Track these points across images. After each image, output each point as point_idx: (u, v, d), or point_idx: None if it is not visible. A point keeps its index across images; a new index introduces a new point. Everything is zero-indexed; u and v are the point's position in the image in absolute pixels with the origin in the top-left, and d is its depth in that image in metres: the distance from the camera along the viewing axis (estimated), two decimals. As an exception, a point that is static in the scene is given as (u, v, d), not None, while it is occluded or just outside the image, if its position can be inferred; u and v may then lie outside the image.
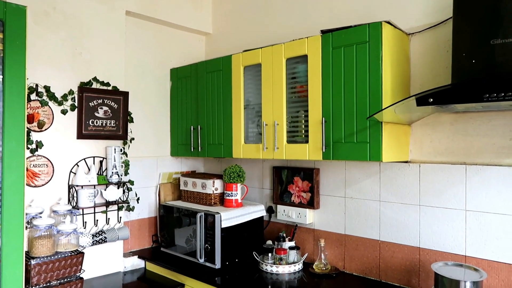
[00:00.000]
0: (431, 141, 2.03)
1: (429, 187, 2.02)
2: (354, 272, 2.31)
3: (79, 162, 2.44)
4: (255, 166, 2.87)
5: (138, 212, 2.80)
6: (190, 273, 2.35)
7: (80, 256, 2.12)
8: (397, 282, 2.13)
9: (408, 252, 2.09)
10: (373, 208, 2.23)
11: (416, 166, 2.07)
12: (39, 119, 2.25)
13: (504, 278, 1.79)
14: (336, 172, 2.40)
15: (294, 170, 2.58)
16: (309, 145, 2.10)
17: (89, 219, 2.47)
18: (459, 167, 1.92)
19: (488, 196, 1.84)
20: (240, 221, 2.49)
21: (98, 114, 2.50)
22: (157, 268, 2.62)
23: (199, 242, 2.45)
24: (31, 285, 1.96)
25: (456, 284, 1.62)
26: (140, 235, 2.82)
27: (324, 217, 2.45)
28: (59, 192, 2.36)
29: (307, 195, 2.50)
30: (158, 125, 2.94)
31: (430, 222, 2.02)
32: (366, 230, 2.26)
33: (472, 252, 1.88)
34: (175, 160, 3.05)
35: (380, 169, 2.21)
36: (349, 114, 1.95)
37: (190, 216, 2.54)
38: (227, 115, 2.55)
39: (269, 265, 2.33)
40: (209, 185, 2.63)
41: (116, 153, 2.49)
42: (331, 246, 2.41)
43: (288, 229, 2.62)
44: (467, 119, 1.91)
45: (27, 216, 2.08)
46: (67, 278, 2.09)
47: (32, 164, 2.24)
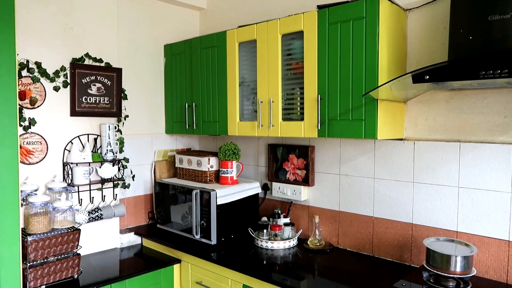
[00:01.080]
0: (426, 119, 2.03)
1: (423, 164, 2.04)
2: (347, 247, 2.35)
3: (73, 140, 2.42)
4: (250, 144, 2.87)
5: (133, 190, 2.81)
6: (186, 249, 2.38)
7: (76, 233, 2.14)
8: (389, 257, 2.18)
9: (401, 228, 2.13)
10: (367, 185, 2.25)
11: (411, 144, 2.08)
12: (31, 96, 2.22)
13: (494, 253, 1.83)
14: (331, 150, 2.41)
15: (289, 147, 2.59)
16: (304, 123, 2.10)
17: (84, 196, 2.48)
18: (453, 145, 1.93)
19: (481, 173, 1.86)
20: (235, 198, 2.50)
21: (91, 91, 2.47)
22: (153, 244, 2.65)
23: (194, 218, 2.47)
24: (28, 261, 1.98)
25: (447, 259, 1.65)
26: (136, 212, 2.84)
27: (318, 194, 2.48)
28: (53, 170, 2.35)
29: (302, 173, 2.52)
30: (152, 103, 2.92)
31: (423, 198, 2.04)
32: (360, 207, 2.28)
33: (464, 228, 1.91)
34: (170, 138, 3.04)
35: (375, 147, 2.21)
36: (345, 92, 1.94)
37: (185, 193, 2.56)
38: (222, 92, 2.53)
39: (264, 241, 2.36)
40: (204, 162, 2.63)
41: (111, 131, 2.48)
42: (326, 222, 2.44)
43: (283, 206, 2.65)
44: (463, 97, 1.91)
45: (22, 194, 2.08)
46: (64, 254, 2.11)
47: (25, 142, 2.22)
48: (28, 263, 1.98)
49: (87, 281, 2.10)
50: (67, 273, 2.11)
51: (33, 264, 2.00)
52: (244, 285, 2.07)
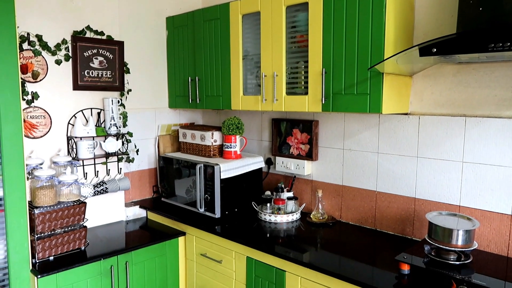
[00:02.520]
0: (432, 93, 2.00)
1: (428, 139, 2.03)
2: (350, 221, 2.38)
3: (76, 114, 2.42)
4: (254, 118, 2.86)
5: (138, 164, 2.83)
6: (190, 222, 2.41)
7: (82, 206, 2.17)
8: (391, 231, 2.20)
9: (404, 202, 2.14)
10: (371, 159, 2.25)
11: (416, 118, 2.06)
12: (33, 70, 2.20)
13: (495, 227, 1.84)
14: (335, 124, 2.40)
15: (293, 122, 2.58)
16: (308, 97, 2.08)
17: (89, 170, 2.50)
18: (459, 119, 1.91)
19: (486, 148, 1.85)
20: (239, 172, 2.52)
21: (94, 65, 2.45)
22: (158, 217, 2.69)
23: (199, 192, 2.49)
24: (36, 233, 2.01)
25: (449, 233, 1.67)
26: (140, 186, 2.87)
27: (322, 168, 2.48)
28: (58, 144, 2.36)
29: (306, 147, 2.52)
30: (155, 76, 2.89)
31: (427, 173, 2.04)
32: (363, 181, 2.29)
33: (466, 202, 1.92)
34: (174, 112, 3.03)
35: (379, 121, 2.20)
36: (350, 65, 1.91)
37: (189, 168, 2.57)
38: (225, 66, 2.50)
39: (268, 215, 2.39)
40: (208, 137, 2.63)
41: (114, 105, 2.47)
42: (329, 196, 2.46)
43: (287, 180, 2.66)
44: (470, 70, 1.88)
45: (27, 167, 2.09)
46: (71, 227, 2.14)
47: (29, 116, 2.22)
48: (36, 235, 2.02)
49: (94, 253, 2.15)
50: (74, 245, 2.15)
51: (41, 236, 2.04)
52: (248, 257, 2.11)
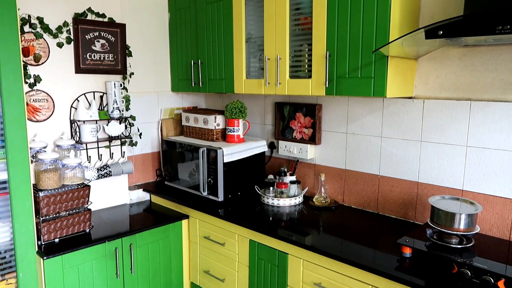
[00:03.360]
0: (437, 76, 1.98)
1: (432, 123, 2.01)
2: (352, 205, 2.38)
3: (79, 97, 2.41)
4: (257, 102, 2.85)
5: (141, 147, 2.84)
6: (194, 205, 2.43)
7: (86, 189, 2.18)
8: (394, 215, 2.21)
9: (407, 187, 2.14)
10: (374, 144, 2.24)
11: (420, 102, 2.04)
12: (35, 52, 2.19)
13: (498, 211, 1.84)
14: (338, 108, 2.38)
15: (296, 106, 2.56)
16: (312, 80, 2.06)
17: (93, 154, 2.51)
18: (464, 103, 1.90)
19: (491, 132, 1.83)
20: (242, 156, 2.52)
21: (95, 48, 2.43)
22: (162, 200, 2.71)
23: (202, 176, 2.50)
24: (41, 215, 2.03)
25: (451, 217, 1.67)
26: (144, 170, 2.88)
27: (325, 152, 2.48)
28: (61, 127, 2.36)
29: (309, 131, 2.51)
30: (157, 60, 2.87)
31: (430, 157, 2.04)
32: (366, 165, 2.29)
33: (470, 187, 1.92)
34: (176, 96, 3.02)
35: (383, 105, 2.18)
36: (354, 48, 1.88)
37: (192, 151, 2.57)
38: (228, 49, 2.47)
39: (271, 198, 2.40)
40: (211, 120, 2.63)
41: (116, 88, 2.46)
42: (331, 180, 2.46)
43: (290, 164, 2.66)
44: (476, 53, 1.85)
45: (31, 150, 2.10)
46: (75, 209, 2.16)
47: (32, 99, 2.22)
48: (41, 218, 2.04)
49: (99, 235, 2.17)
50: (79, 227, 2.18)
51: (46, 218, 2.06)
52: (251, 240, 2.13)
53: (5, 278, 1.93)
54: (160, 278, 2.43)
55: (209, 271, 2.42)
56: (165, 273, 2.46)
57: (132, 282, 2.30)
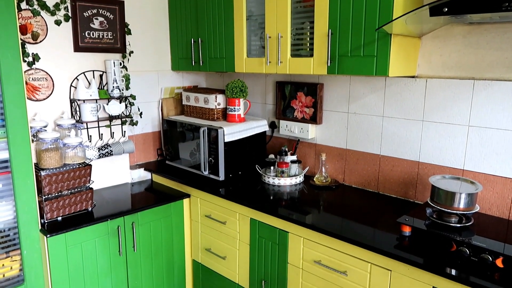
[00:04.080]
0: (441, 55, 1.95)
1: (434, 103, 2.00)
2: (353, 184, 2.39)
3: (78, 76, 2.39)
4: (257, 81, 2.82)
5: (141, 127, 2.83)
6: (195, 184, 2.44)
7: (88, 168, 2.19)
8: (394, 194, 2.22)
9: (407, 166, 2.14)
10: (375, 123, 2.23)
11: (423, 81, 2.02)
12: (32, 30, 2.16)
13: (498, 190, 1.85)
14: (340, 87, 2.36)
15: (298, 85, 2.54)
16: (313, 59, 2.03)
17: (93, 133, 2.51)
18: (467, 82, 1.88)
19: (493, 112, 1.82)
20: (242, 135, 2.51)
21: (94, 26, 2.39)
22: (163, 179, 2.72)
23: (203, 155, 2.50)
24: (43, 194, 2.05)
25: (451, 196, 1.68)
26: (145, 149, 2.88)
27: (326, 132, 2.47)
28: (61, 106, 2.35)
29: (310, 111, 2.49)
30: (157, 38, 2.83)
31: (432, 137, 2.03)
32: (367, 145, 2.29)
33: (471, 166, 1.92)
34: (177, 75, 2.99)
35: (386, 84, 2.16)
36: (357, 26, 1.85)
37: (193, 131, 2.57)
38: (228, 27, 2.43)
39: (271, 178, 2.41)
40: (211, 100, 2.61)
41: (116, 67, 2.43)
42: (332, 160, 2.46)
43: (290, 143, 2.66)
44: (481, 31, 1.82)
45: (32, 130, 2.10)
46: (77, 188, 2.18)
47: (31, 78, 2.20)
48: (43, 196, 2.05)
49: (101, 214, 2.19)
50: (81, 206, 2.19)
51: (48, 197, 2.07)
52: (252, 218, 2.15)
53: (10, 255, 1.96)
54: (162, 256, 2.47)
55: (210, 249, 2.45)
56: (167, 251, 2.49)
57: (134, 259, 2.33)
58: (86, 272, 2.14)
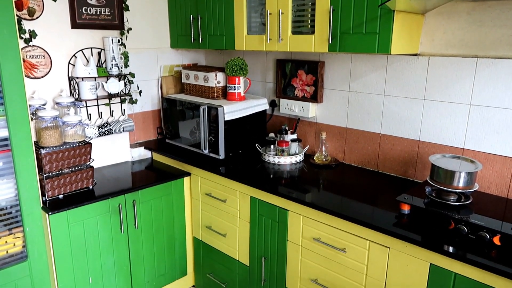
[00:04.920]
0: (444, 32, 1.92)
1: (436, 81, 1.98)
2: (353, 163, 2.40)
3: (76, 54, 2.36)
4: (258, 59, 2.79)
5: (141, 105, 2.81)
6: (195, 163, 2.44)
7: (88, 146, 2.19)
8: (394, 173, 2.23)
9: (408, 145, 2.14)
10: (376, 102, 2.22)
11: (425, 59, 2.00)
12: (28, 6, 2.11)
13: (498, 169, 1.86)
14: (341, 66, 2.34)
15: (298, 63, 2.51)
16: (315, 36, 2.00)
17: (93, 112, 2.49)
18: (470, 60, 1.85)
19: (496, 90, 1.80)
20: (243, 114, 2.50)
21: (91, 1, 2.34)
22: (163, 158, 2.72)
23: (203, 134, 2.50)
24: (44, 172, 2.05)
25: (451, 175, 1.68)
26: (144, 127, 2.87)
27: (326, 111, 2.46)
28: (60, 84, 2.33)
29: (311, 89, 2.48)
30: (155, 14, 2.78)
31: (433, 116, 2.02)
32: (368, 124, 2.28)
33: (471, 145, 1.92)
34: (176, 52, 2.96)
35: (387, 62, 2.14)
36: (359, 2, 1.81)
37: (193, 109, 2.56)
38: (228, 3, 2.38)
39: (271, 156, 2.41)
40: (211, 78, 2.59)
41: (114, 44, 2.40)
42: (332, 139, 2.46)
43: (291, 122, 2.65)
44: (486, 8, 1.78)
45: (31, 108, 2.09)
46: (78, 167, 2.18)
47: (28, 55, 2.17)
48: (44, 174, 2.06)
49: (102, 192, 2.21)
50: (82, 184, 2.20)
51: (49, 175, 2.08)
52: (252, 197, 2.16)
53: (13, 232, 1.98)
54: (163, 233, 2.50)
55: (211, 227, 2.48)
56: (168, 228, 2.52)
57: (136, 236, 2.36)
58: (89, 249, 2.17)
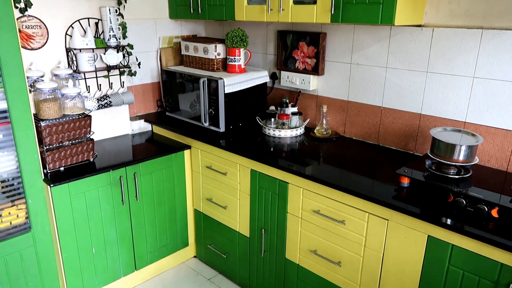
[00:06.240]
0: (449, 2, 1.87)
1: (440, 53, 1.95)
2: (353, 136, 2.40)
3: (73, 24, 2.31)
4: (258, 30, 2.73)
5: (140, 78, 2.78)
6: (195, 135, 2.44)
7: (88, 119, 2.18)
8: (394, 146, 2.22)
9: (409, 118, 2.13)
10: (378, 74, 2.19)
11: (429, 31, 1.95)
12: (23, -26, 2.06)
13: (498, 143, 1.85)
14: (343, 37, 2.29)
15: (300, 34, 2.46)
16: (317, 7, 1.95)
17: (92, 84, 2.47)
18: (475, 32, 1.82)
19: (500, 62, 1.78)
20: (243, 87, 2.48)
21: (87, -31, 2.28)
22: (163, 131, 2.72)
23: (203, 107, 2.48)
24: (44, 145, 2.05)
25: (451, 148, 1.68)
26: (144, 100, 2.85)
27: (328, 83, 2.43)
28: (57, 56, 2.30)
29: (312, 61, 2.44)
30: (154, -17, 2.71)
31: (435, 89, 2.00)
32: (369, 97, 2.26)
33: (472, 119, 1.91)
34: (175, 23, 2.90)
35: (391, 34, 2.09)
36: (364, -30, 1.76)
37: (193, 82, 2.53)
38: (228, -29, 2.32)
39: (272, 129, 2.40)
40: (211, 50, 2.54)
41: (112, 14, 2.34)
42: (333, 112, 2.45)
43: (291, 95, 2.63)
44: (494, -23, 1.73)
45: (29, 80, 2.06)
46: (78, 139, 2.18)
47: (24, 25, 2.13)
48: (45, 147, 2.06)
49: (103, 164, 2.21)
50: (83, 157, 2.21)
51: (49, 147, 2.08)
52: (252, 169, 2.17)
53: (15, 204, 2.00)
54: (164, 205, 2.53)
55: (211, 199, 2.50)
56: (169, 201, 2.54)
57: (137, 208, 2.39)
58: (91, 220, 2.20)
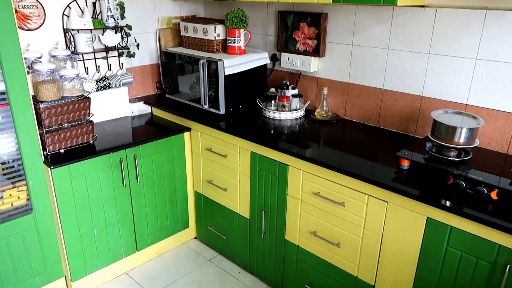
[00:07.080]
0: (453, -18, 1.84)
1: (442, 35, 1.92)
2: (354, 119, 2.39)
3: (70, 4, 2.27)
4: (259, 11, 2.69)
5: (139, 59, 2.75)
6: (195, 118, 2.43)
7: (87, 101, 2.16)
8: (395, 129, 2.22)
9: (410, 101, 2.12)
10: (380, 56, 2.17)
11: (432, 11, 1.92)
12: (18, -48, 2.01)
13: (500, 125, 1.84)
14: (345, 18, 2.26)
15: (301, 15, 2.43)
16: (318, -14, 1.92)
17: (90, 65, 2.44)
18: (479, 12, 1.79)
19: (503, 44, 1.75)
20: (243, 68, 2.45)
21: None
22: (163, 113, 2.70)
23: (202, 89, 2.46)
24: (44, 127, 2.05)
25: (452, 130, 1.67)
26: (143, 82, 2.83)
27: (329, 65, 2.41)
28: (55, 37, 2.27)
29: (313, 43, 2.41)
30: (152, -38, 2.65)
31: (437, 71, 1.98)
32: (371, 79, 2.24)
33: (474, 101, 1.90)
34: (174, 3, 2.85)
35: (393, 15, 2.06)
36: None
37: (192, 63, 2.50)
38: (228, -51, 2.27)
39: (272, 112, 2.39)
40: (210, 30, 2.51)
41: (109, -6, 2.30)
42: (334, 94, 2.43)
43: (292, 77, 2.61)
44: (500, -45, 1.69)
45: (26, 61, 2.04)
46: (77, 121, 2.17)
47: (20, 5, 2.09)
48: (44, 129, 2.05)
49: (103, 146, 2.21)
50: (82, 139, 2.20)
51: (49, 129, 2.07)
52: (252, 152, 2.17)
53: (16, 185, 2.01)
54: (165, 187, 2.54)
55: (211, 181, 2.51)
56: (169, 183, 2.55)
57: (138, 190, 2.40)
58: (92, 202, 2.21)
